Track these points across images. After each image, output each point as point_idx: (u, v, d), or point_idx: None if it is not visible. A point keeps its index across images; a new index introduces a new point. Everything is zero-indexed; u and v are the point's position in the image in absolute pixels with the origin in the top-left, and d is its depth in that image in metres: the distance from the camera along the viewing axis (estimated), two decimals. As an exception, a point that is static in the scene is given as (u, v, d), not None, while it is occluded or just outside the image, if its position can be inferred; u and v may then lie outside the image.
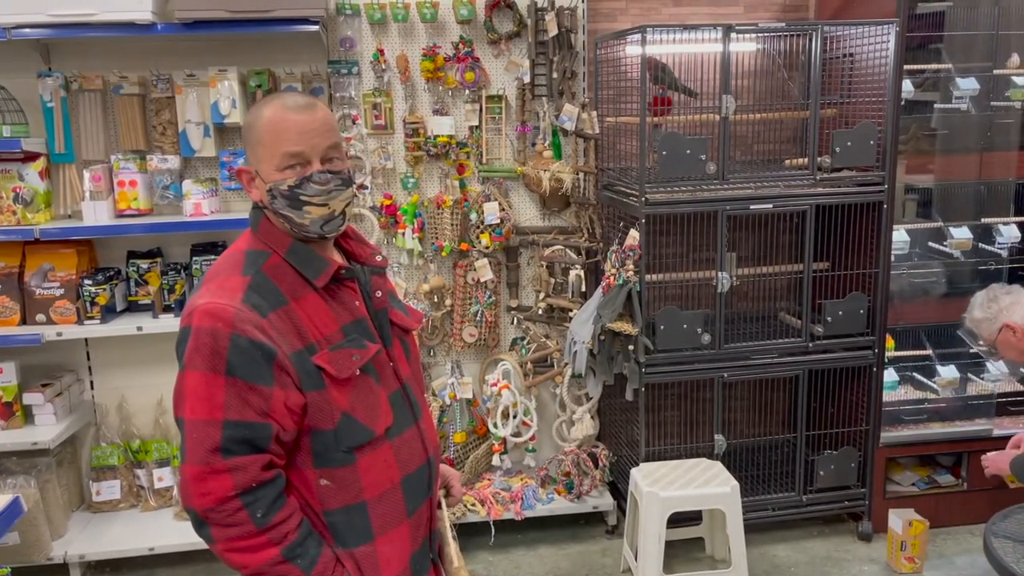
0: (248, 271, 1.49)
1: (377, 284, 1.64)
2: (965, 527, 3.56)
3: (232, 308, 1.42)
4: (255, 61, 3.37)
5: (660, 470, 3.18)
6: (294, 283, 1.52)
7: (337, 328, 1.53)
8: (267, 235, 1.54)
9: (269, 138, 1.49)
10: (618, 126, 3.44)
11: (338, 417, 1.49)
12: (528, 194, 3.63)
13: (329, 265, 1.55)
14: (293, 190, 1.49)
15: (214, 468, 1.39)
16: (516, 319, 3.68)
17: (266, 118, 1.50)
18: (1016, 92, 3.46)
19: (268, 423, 1.42)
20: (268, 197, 1.51)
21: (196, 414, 1.40)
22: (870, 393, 3.41)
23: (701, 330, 3.23)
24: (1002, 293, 3.09)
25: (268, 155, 1.50)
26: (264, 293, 1.47)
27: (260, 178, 1.52)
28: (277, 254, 1.53)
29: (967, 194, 3.64)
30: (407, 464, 1.61)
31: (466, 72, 3.47)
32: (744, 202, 3.19)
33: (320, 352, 1.48)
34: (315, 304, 1.52)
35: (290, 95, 1.55)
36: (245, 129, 1.55)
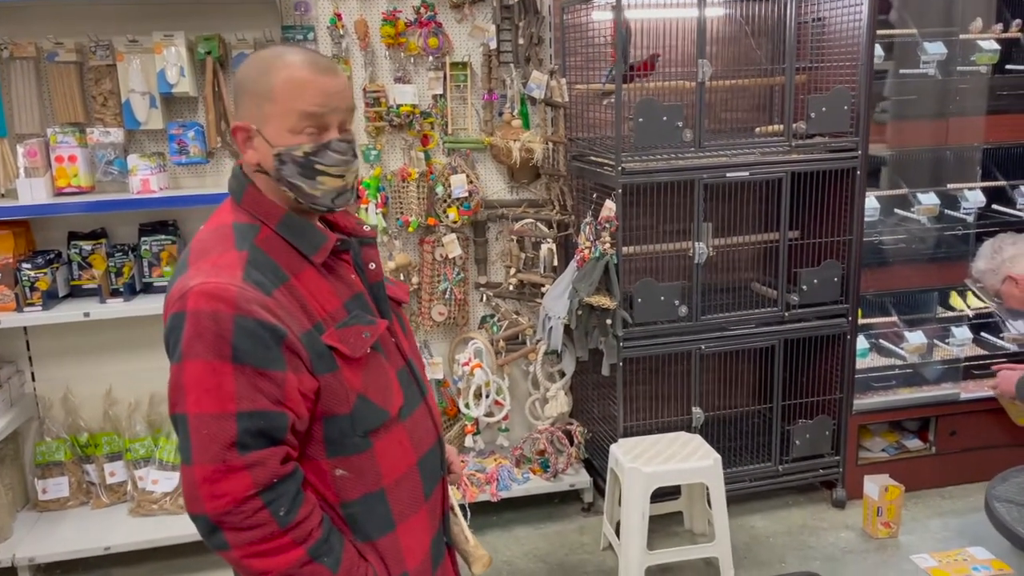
0: (242, 245, 1.35)
1: (368, 255, 1.52)
2: (935, 490, 3.60)
3: (234, 287, 1.28)
4: (204, 26, 3.15)
5: (640, 445, 3.12)
6: (290, 258, 1.38)
7: (340, 304, 1.41)
8: (255, 205, 1.40)
9: (286, 95, 1.34)
10: (588, 93, 3.33)
11: (353, 399, 1.37)
12: (495, 166, 3.50)
13: (327, 238, 1.42)
14: (309, 157, 1.36)
15: (231, 466, 1.25)
16: (485, 296, 3.56)
17: (285, 74, 1.35)
18: (982, 56, 3.47)
19: (283, 412, 1.30)
20: (275, 162, 1.36)
21: (203, 407, 1.26)
22: (844, 361, 3.40)
23: (678, 302, 3.17)
24: (1008, 244, 3.10)
25: (280, 114, 1.35)
26: (264, 269, 1.34)
27: (264, 139, 1.37)
28: (267, 227, 1.39)
29: (933, 160, 3.65)
30: (421, 444, 1.51)
31: (429, 38, 3.31)
32: (721, 170, 3.12)
33: (328, 331, 1.36)
34: (314, 280, 1.39)
35: (301, 51, 1.41)
36: (247, 80, 1.39)
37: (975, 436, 3.60)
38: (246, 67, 1.40)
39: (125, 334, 3.26)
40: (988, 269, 3.16)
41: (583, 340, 3.19)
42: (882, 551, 3.19)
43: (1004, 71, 3.55)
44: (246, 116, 1.39)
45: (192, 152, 3.18)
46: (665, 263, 3.31)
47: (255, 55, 1.42)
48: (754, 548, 3.24)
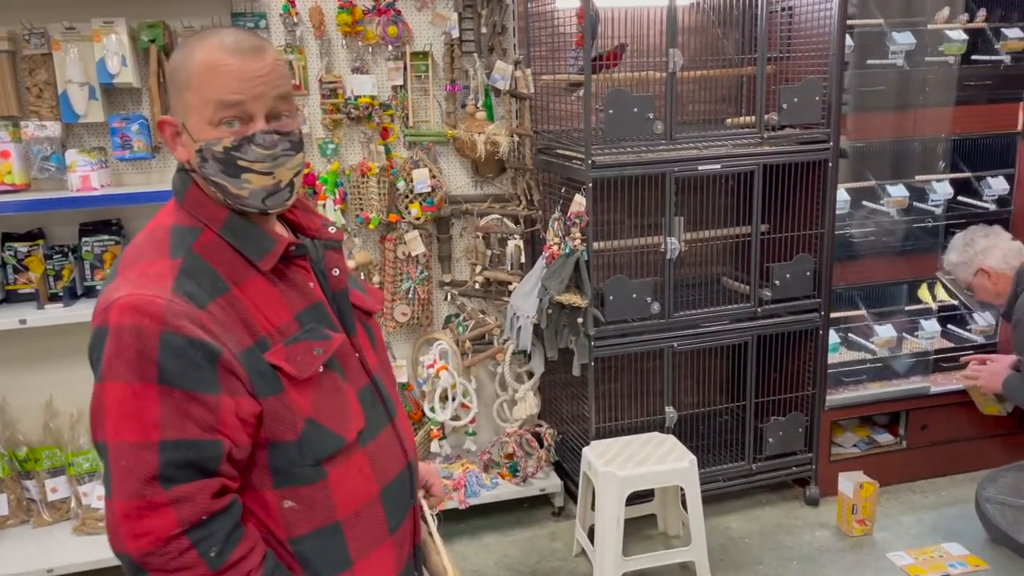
0: (177, 252, 1.21)
1: (332, 260, 1.38)
2: (905, 484, 3.57)
3: (161, 300, 1.14)
4: (147, 12, 2.95)
5: (613, 447, 3.02)
6: (234, 264, 1.24)
7: (291, 317, 1.26)
8: (197, 206, 1.26)
9: (201, 82, 1.19)
10: (555, 85, 3.22)
11: (301, 425, 1.22)
12: (459, 160, 3.37)
13: (276, 242, 1.27)
14: (229, 152, 1.21)
15: (152, 502, 1.11)
16: (450, 295, 3.43)
17: (199, 58, 1.20)
18: (950, 47, 3.43)
19: (217, 439, 1.15)
20: (197, 159, 1.22)
21: (123, 435, 1.11)
22: (816, 356, 3.34)
23: (650, 299, 3.08)
24: (980, 236, 3.08)
25: (198, 104, 1.20)
26: (199, 279, 1.19)
27: (188, 133, 1.23)
28: (210, 229, 1.25)
29: (900, 152, 3.62)
30: (385, 472, 1.36)
31: (388, 26, 3.16)
32: (692, 163, 3.03)
33: (274, 347, 1.21)
34: (262, 289, 1.25)
35: (231, 31, 1.25)
36: (171, 70, 1.25)
37: (945, 429, 3.58)
38: (174, 56, 1.27)
39: (65, 341, 3.05)
40: (960, 262, 3.13)
41: (553, 340, 3.08)
42: (858, 549, 3.15)
43: (971, 62, 3.53)
44: (174, 110, 1.25)
45: (136, 147, 2.99)
46: (635, 259, 3.21)
47: (184, 40, 1.29)
48: (730, 550, 3.17)
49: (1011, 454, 3.66)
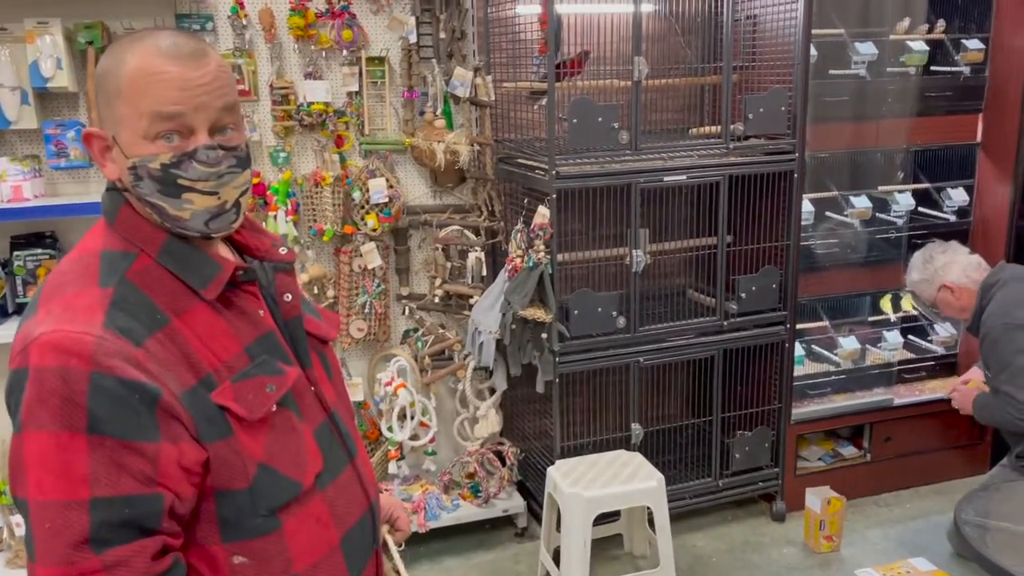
0: (108, 280, 1.07)
1: (284, 284, 1.25)
2: (870, 498, 3.54)
3: (90, 337, 1.00)
4: (83, 12, 2.78)
5: (579, 467, 2.92)
6: (174, 293, 1.10)
7: (240, 349, 1.13)
8: (130, 228, 1.12)
9: (134, 92, 1.06)
10: (517, 92, 3.12)
11: (253, 471, 1.09)
12: (417, 169, 3.25)
13: (220, 268, 1.14)
14: (168, 170, 1.08)
15: (82, 569, 0.97)
16: (408, 309, 3.31)
17: (132, 64, 1.07)
18: (911, 57, 3.42)
19: (156, 493, 1.01)
20: (130, 177, 1.09)
21: (47, 493, 0.97)
22: (782, 370, 3.29)
23: (616, 313, 2.99)
24: (938, 253, 3.06)
25: (132, 116, 1.07)
26: (134, 311, 1.05)
27: (119, 148, 1.09)
28: (146, 254, 1.11)
29: (861, 163, 3.60)
30: (346, 517, 1.23)
31: (342, 30, 3.03)
32: (658, 174, 2.96)
33: (221, 385, 1.08)
34: (206, 320, 1.11)
35: (169, 33, 1.11)
36: (100, 76, 1.11)
37: (908, 441, 3.57)
38: (102, 60, 1.12)
39: (-3, 362, 2.86)
40: (922, 280, 3.12)
41: (517, 355, 2.97)
42: (826, 567, 3.10)
43: (930, 73, 3.53)
44: (102, 122, 1.11)
45: (73, 155, 2.81)
46: (599, 271, 3.13)
47: (114, 43, 1.13)
48: (698, 570, 3.09)
49: (973, 466, 3.67)
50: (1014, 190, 3.47)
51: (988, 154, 3.57)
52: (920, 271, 3.13)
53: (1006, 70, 3.45)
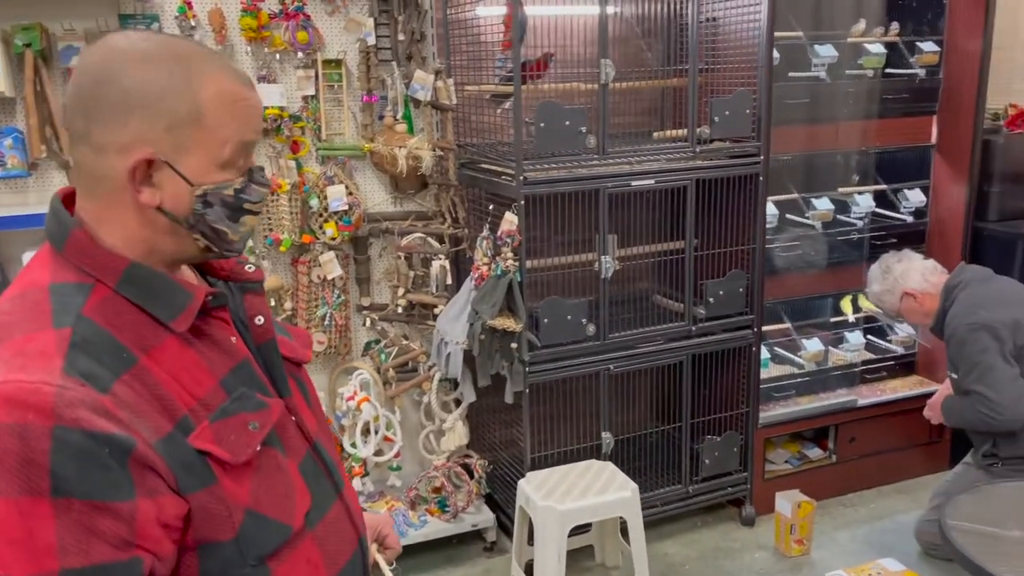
0: (63, 319, 0.93)
1: (254, 306, 1.14)
2: (836, 499, 3.55)
3: (48, 387, 0.87)
4: (21, 13, 2.61)
5: (551, 478, 2.86)
6: (139, 327, 0.98)
7: (214, 383, 1.01)
8: (83, 255, 0.98)
9: (220, 118, 0.98)
10: (480, 95, 3.05)
11: (239, 519, 0.98)
12: (376, 175, 3.15)
13: (191, 296, 1.02)
14: (239, 195, 1.03)
15: None
16: (369, 320, 3.20)
17: (213, 89, 0.99)
18: (869, 60, 3.45)
19: (135, 557, 0.89)
20: (195, 205, 1.00)
21: (9, 567, 0.84)
22: (749, 373, 3.28)
23: (586, 320, 2.93)
24: (894, 262, 3.08)
25: (211, 143, 0.99)
26: (97, 352, 0.92)
27: (177, 174, 0.98)
28: (103, 285, 0.98)
29: (822, 165, 3.61)
30: (337, 557, 1.13)
31: (297, 31, 2.92)
32: (625, 178, 2.91)
33: (199, 427, 0.97)
34: (176, 354, 0.99)
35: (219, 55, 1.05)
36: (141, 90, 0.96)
37: (872, 442, 3.59)
38: (130, 68, 0.97)
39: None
40: (884, 291, 3.13)
41: (486, 366, 2.89)
42: (797, 571, 3.09)
43: (886, 75, 3.56)
44: (142, 140, 0.97)
45: (10, 164, 2.64)
46: (566, 278, 3.06)
47: (129, 50, 0.99)
48: (671, 578, 3.06)
49: (933, 464, 3.71)
50: (969, 191, 3.52)
51: (943, 155, 3.62)
52: (880, 282, 3.14)
53: (959, 72, 3.49)
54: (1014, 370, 2.76)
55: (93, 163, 0.99)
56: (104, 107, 0.96)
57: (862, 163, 3.67)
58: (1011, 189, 3.57)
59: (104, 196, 1.00)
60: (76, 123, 0.99)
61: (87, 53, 1.01)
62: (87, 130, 0.98)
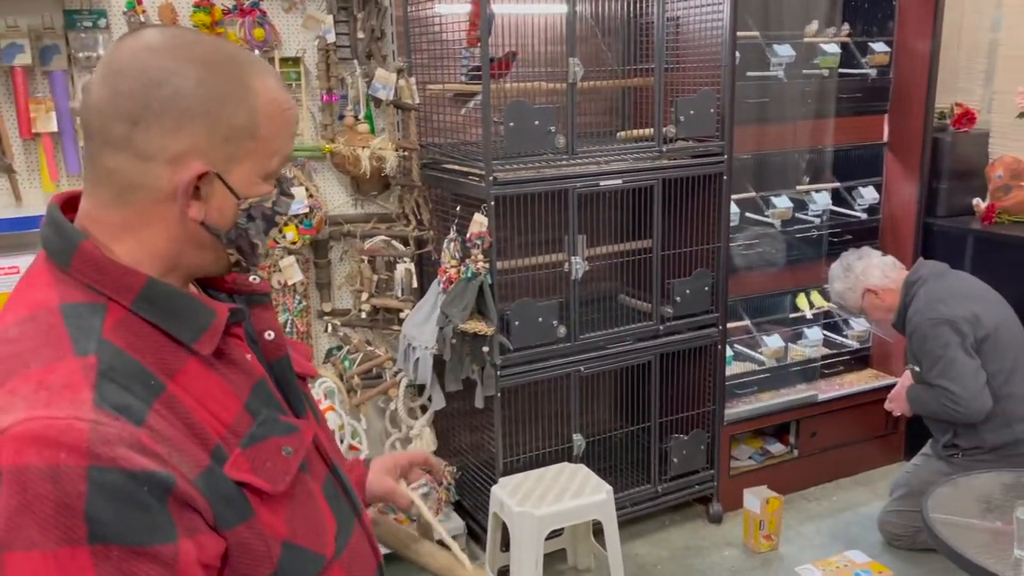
0: (84, 345, 0.84)
1: (263, 320, 1.07)
2: (799, 493, 3.60)
3: (82, 423, 0.78)
4: (-43, 6, 2.46)
5: (525, 483, 2.82)
6: (160, 350, 0.89)
7: (240, 406, 0.94)
8: (93, 271, 0.89)
9: (272, 129, 0.94)
10: (444, 94, 2.99)
11: (277, 553, 0.91)
12: (337, 177, 3.06)
13: (214, 314, 0.94)
14: (275, 208, 0.98)
15: None
16: (331, 326, 3.11)
17: (265, 97, 0.92)
18: (825, 60, 3.50)
19: None
20: (240, 219, 0.94)
21: None
22: (715, 371, 3.29)
23: (556, 322, 2.90)
24: (854, 260, 3.13)
25: (262, 154, 0.93)
26: (126, 381, 0.84)
27: (227, 187, 0.91)
28: (117, 304, 0.89)
29: (778, 164, 3.65)
30: None
31: (253, 28, 2.81)
32: (594, 178, 2.89)
33: (232, 457, 0.89)
34: (200, 377, 0.92)
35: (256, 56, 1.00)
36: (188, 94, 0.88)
37: (832, 435, 3.64)
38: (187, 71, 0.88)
39: None
40: (846, 289, 3.18)
41: (457, 370, 2.83)
42: (768, 567, 3.11)
43: (839, 75, 3.62)
44: (197, 150, 0.89)
45: (-52, 167, 2.48)
46: (534, 279, 3.03)
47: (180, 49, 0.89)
48: (644, 579, 3.05)
49: (889, 455, 3.79)
50: (920, 188, 3.60)
51: (894, 153, 3.70)
52: (842, 280, 3.19)
53: (909, 72, 3.57)
54: (975, 362, 2.83)
55: (132, 171, 0.89)
56: (156, 112, 0.87)
57: (818, 161, 3.73)
58: (958, 186, 3.67)
59: (138, 207, 0.91)
60: (113, 128, 0.88)
61: (123, 52, 0.90)
62: (129, 136, 0.88)
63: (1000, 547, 1.97)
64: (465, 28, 2.88)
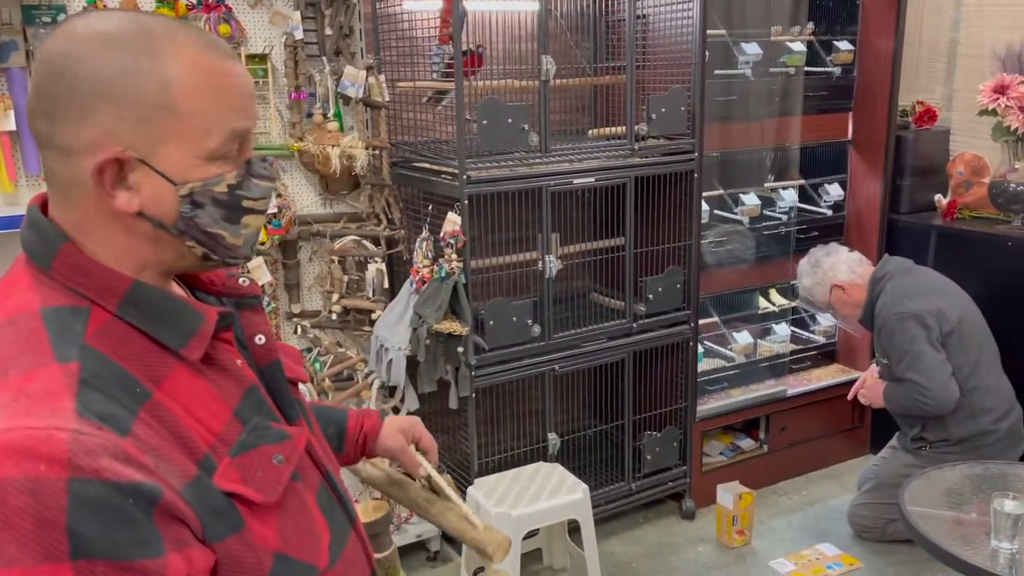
0: (66, 352, 0.81)
1: (253, 324, 1.03)
2: (769, 488, 3.63)
3: (62, 433, 0.75)
4: (-93, -1, 2.37)
5: (501, 484, 2.80)
6: (145, 356, 0.86)
7: (230, 414, 0.91)
8: (76, 273, 0.86)
9: (198, 102, 0.85)
10: (415, 92, 2.95)
11: (268, 564, 0.88)
12: (305, 176, 3.01)
13: (203, 318, 0.91)
14: (235, 192, 0.89)
15: None
16: (300, 328, 3.05)
17: (185, 66, 0.84)
18: (791, 58, 3.53)
19: None
20: (184, 207, 0.87)
21: None
22: (687, 368, 3.30)
23: (531, 321, 2.89)
24: (822, 256, 3.16)
25: (191, 132, 0.85)
26: (110, 388, 0.81)
27: (156, 172, 0.85)
28: (100, 308, 0.86)
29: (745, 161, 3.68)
30: None
31: (219, 24, 2.75)
32: (567, 176, 2.88)
33: (220, 466, 0.86)
34: (187, 384, 0.88)
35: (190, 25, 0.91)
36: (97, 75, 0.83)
37: (801, 430, 3.68)
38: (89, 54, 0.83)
39: None
40: (814, 284, 3.21)
41: (431, 371, 2.80)
42: (741, 562, 3.13)
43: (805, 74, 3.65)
44: (110, 136, 0.84)
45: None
46: (507, 278, 3.01)
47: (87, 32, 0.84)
48: (620, 577, 3.05)
49: (855, 448, 3.85)
50: (884, 184, 3.65)
51: (859, 151, 3.75)
52: (810, 276, 3.23)
53: (873, 70, 3.62)
54: (941, 355, 2.88)
55: (62, 169, 0.86)
56: (63, 103, 0.83)
57: (785, 159, 3.76)
58: (920, 182, 3.73)
59: (81, 205, 0.87)
60: (39, 126, 0.86)
61: (45, 45, 0.86)
62: (51, 132, 0.85)
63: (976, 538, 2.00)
64: (435, 25, 2.85)
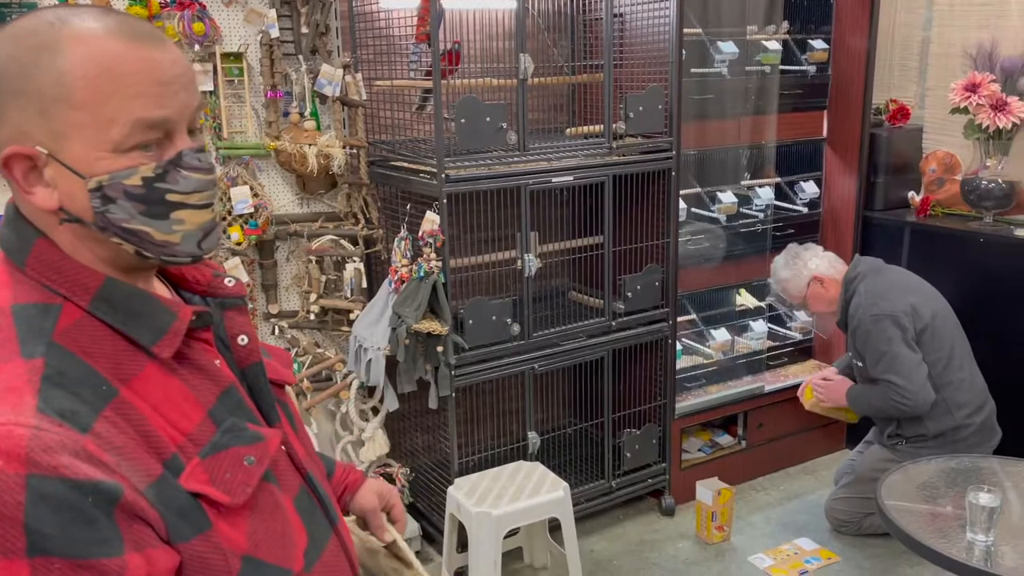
0: (32, 347, 0.81)
1: (236, 324, 1.03)
2: (747, 484, 3.65)
3: (21, 429, 0.75)
4: None
5: (481, 483, 2.79)
6: (116, 353, 0.86)
7: (203, 415, 0.90)
8: (49, 270, 0.86)
9: (97, 91, 0.81)
10: (393, 90, 2.94)
11: (238, 567, 0.88)
12: (281, 175, 2.98)
13: (175, 316, 0.90)
14: (153, 185, 0.85)
15: None
16: (277, 328, 3.03)
17: (81, 53, 0.82)
18: (767, 56, 3.55)
19: None
20: (96, 201, 0.84)
21: None
22: (666, 365, 3.32)
23: (510, 320, 2.88)
24: (801, 250, 3.19)
25: (94, 124, 0.82)
26: (74, 386, 0.81)
27: (65, 167, 0.83)
28: (73, 304, 0.86)
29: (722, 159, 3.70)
30: None
31: (192, 22, 2.71)
32: (545, 175, 2.88)
33: (189, 466, 0.86)
34: (159, 383, 0.88)
35: (113, 11, 0.87)
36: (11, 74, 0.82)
37: (778, 426, 3.71)
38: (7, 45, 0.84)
39: None
40: (791, 276, 3.23)
41: (411, 371, 2.79)
42: (721, 557, 3.15)
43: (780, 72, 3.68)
44: (19, 131, 0.83)
45: None
46: (486, 277, 3.00)
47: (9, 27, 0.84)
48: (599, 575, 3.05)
49: (831, 444, 3.89)
50: (859, 182, 3.69)
51: (834, 148, 3.78)
52: (789, 268, 3.24)
53: (847, 69, 3.65)
54: (917, 356, 2.91)
55: None
56: None
57: (761, 157, 3.79)
58: (893, 180, 3.77)
59: (22, 206, 0.89)
60: None
61: None
62: None
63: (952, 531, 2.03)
64: (412, 23, 2.84)
